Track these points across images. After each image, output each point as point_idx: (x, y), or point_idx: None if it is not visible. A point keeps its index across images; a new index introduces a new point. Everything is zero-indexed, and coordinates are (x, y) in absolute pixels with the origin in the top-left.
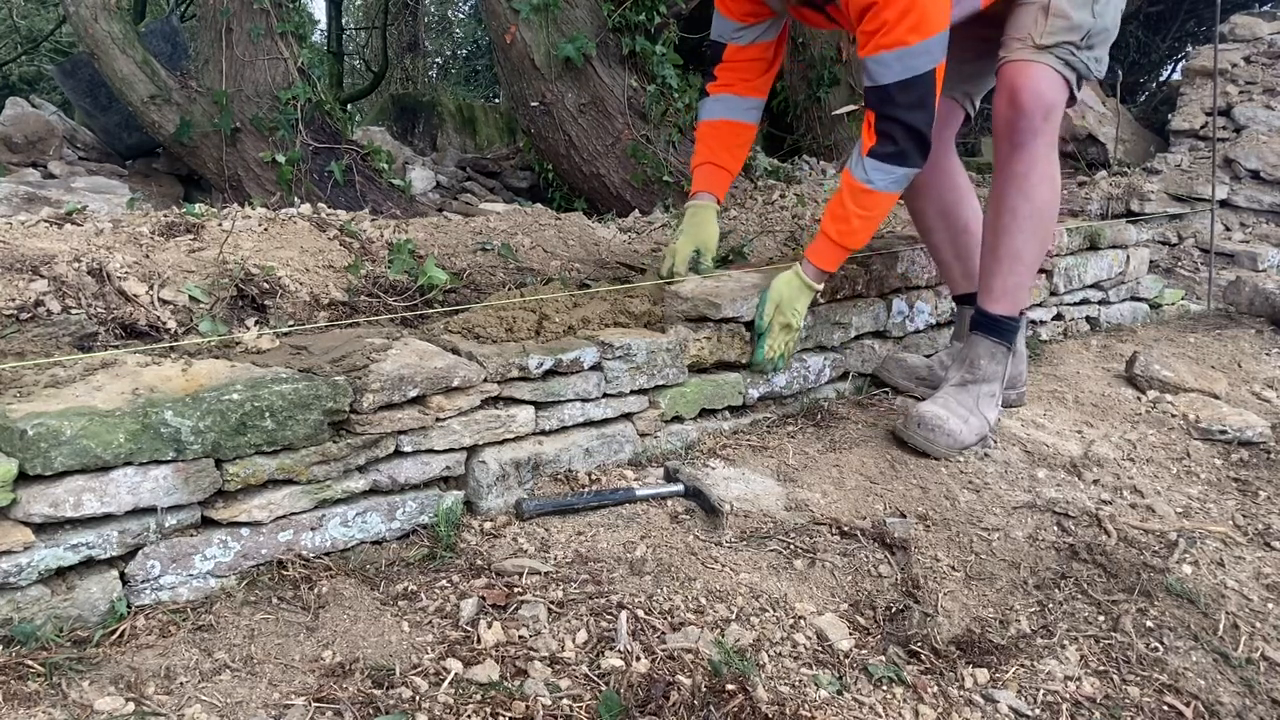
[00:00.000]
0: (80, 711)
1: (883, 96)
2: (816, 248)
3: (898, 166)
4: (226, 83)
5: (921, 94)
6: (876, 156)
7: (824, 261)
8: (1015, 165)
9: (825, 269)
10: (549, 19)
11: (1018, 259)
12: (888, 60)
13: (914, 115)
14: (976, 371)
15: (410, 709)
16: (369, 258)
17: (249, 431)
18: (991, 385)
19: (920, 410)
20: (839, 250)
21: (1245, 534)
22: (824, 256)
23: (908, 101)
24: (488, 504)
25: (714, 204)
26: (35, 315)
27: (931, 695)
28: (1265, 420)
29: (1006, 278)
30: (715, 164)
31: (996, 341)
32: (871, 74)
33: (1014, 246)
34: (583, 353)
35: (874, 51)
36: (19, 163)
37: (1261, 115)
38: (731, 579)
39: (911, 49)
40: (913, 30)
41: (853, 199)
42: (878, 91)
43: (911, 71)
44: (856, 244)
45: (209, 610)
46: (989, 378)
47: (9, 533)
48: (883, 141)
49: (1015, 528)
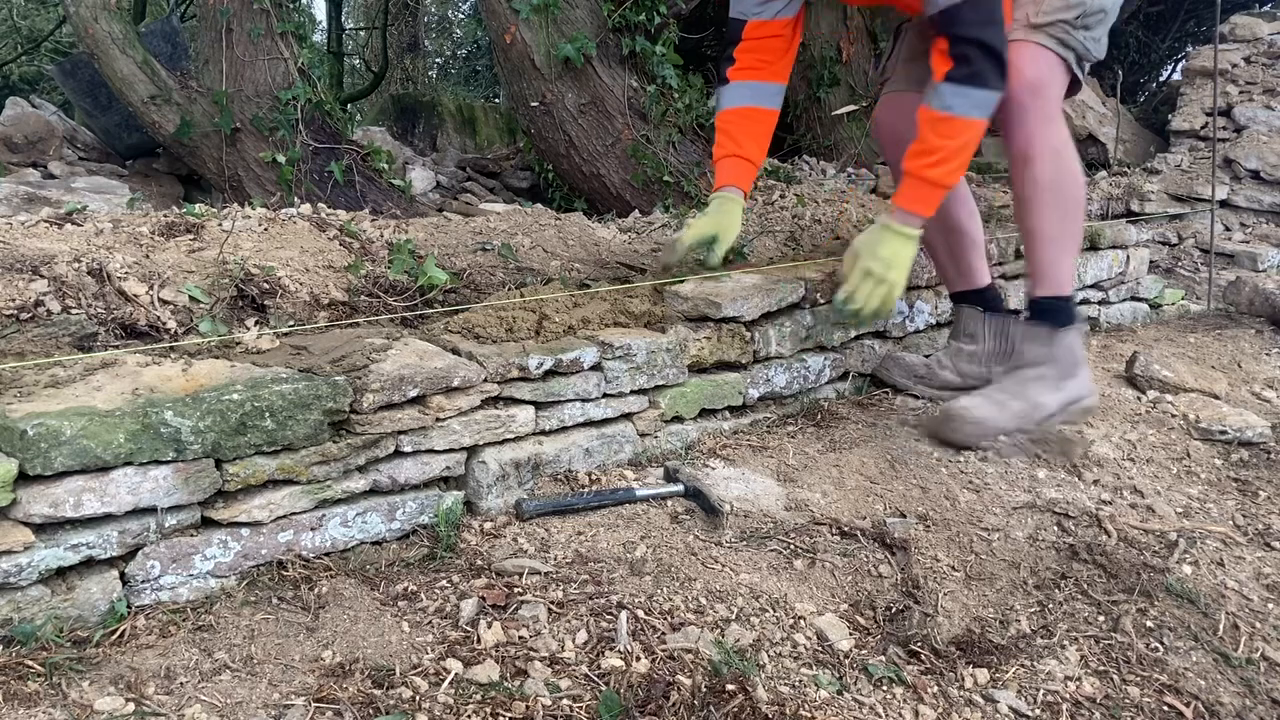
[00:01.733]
0: (80, 711)
1: (952, 17)
2: (903, 191)
3: (977, 89)
4: (226, 83)
5: (991, 9)
6: (953, 80)
7: (913, 202)
8: (1014, 148)
9: (916, 211)
10: (549, 19)
11: (1038, 237)
12: None
13: (987, 32)
14: (1019, 358)
15: (410, 709)
16: (369, 258)
17: (249, 431)
18: (1039, 368)
19: (947, 404)
20: (928, 187)
21: (1245, 534)
22: (912, 196)
23: (978, 18)
24: (488, 504)
25: (741, 198)
26: (35, 315)
27: (931, 695)
28: (1265, 420)
29: (1037, 261)
30: (740, 156)
31: (1034, 324)
32: None
33: (1031, 225)
34: (583, 353)
35: None
36: (19, 163)
37: (1261, 115)
38: (731, 579)
39: None
40: None
41: (933, 129)
42: (945, 14)
43: None
44: (947, 178)
45: (209, 610)
46: (1033, 361)
47: (9, 533)
48: (958, 64)
49: (1015, 528)
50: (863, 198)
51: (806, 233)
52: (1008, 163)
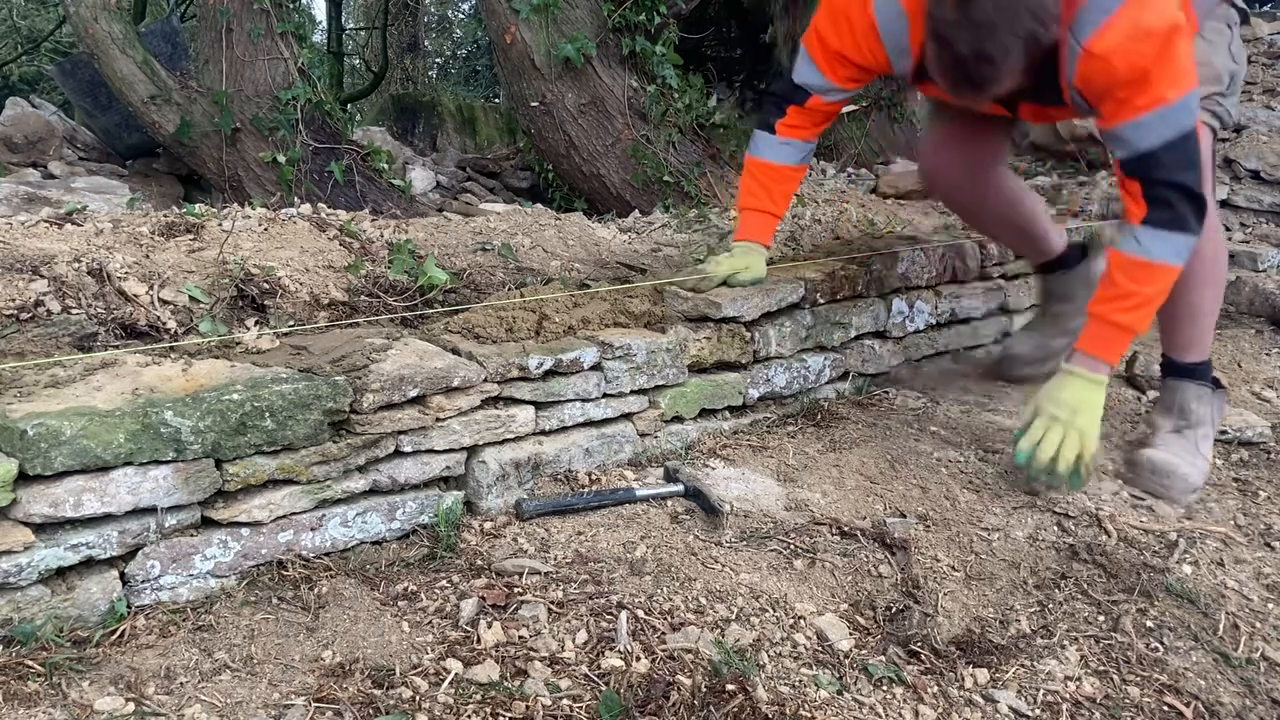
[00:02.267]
0: (80, 711)
1: (1149, 162)
2: (1092, 335)
3: (1178, 233)
4: (226, 83)
5: (1189, 152)
6: (1153, 224)
7: (1101, 348)
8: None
9: (1104, 357)
10: (549, 19)
11: (1199, 312)
12: (1149, 122)
13: (1187, 175)
14: (1190, 416)
15: (410, 709)
16: (369, 258)
17: (249, 431)
18: (1205, 427)
19: (1152, 457)
20: (1119, 332)
21: (1245, 534)
22: (1100, 342)
23: (1177, 162)
24: (488, 504)
25: (765, 251)
26: (35, 315)
27: (931, 695)
28: (1265, 420)
29: (1191, 331)
30: (768, 212)
31: (1200, 384)
32: (1129, 142)
33: (1192, 302)
34: (583, 353)
35: (1130, 116)
36: (19, 163)
37: (1262, 115)
38: (731, 579)
39: (1173, 106)
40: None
41: (1127, 275)
42: (1142, 159)
43: (1177, 130)
44: (1139, 325)
45: (209, 610)
46: (1202, 420)
47: (9, 533)
48: (1157, 208)
49: (1015, 528)
50: (863, 198)
51: (806, 233)
52: None
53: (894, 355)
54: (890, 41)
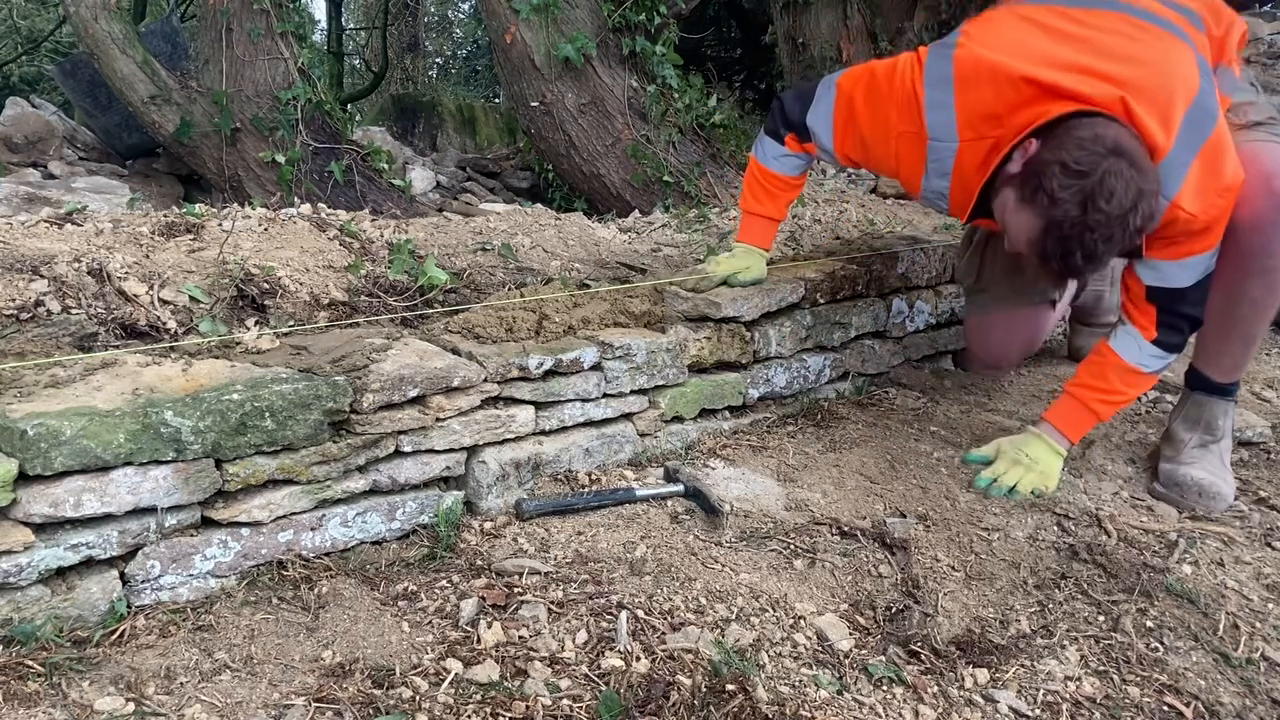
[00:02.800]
0: (80, 711)
1: (1178, 297)
2: (1066, 413)
3: (1174, 355)
4: (226, 83)
5: (1206, 290)
6: (1162, 346)
7: (1071, 428)
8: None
9: (1069, 435)
10: (549, 19)
11: (1252, 339)
12: (1192, 264)
13: (1199, 309)
14: (1217, 432)
15: (410, 709)
16: (369, 258)
17: (249, 431)
18: (1228, 440)
19: (1198, 479)
20: (1090, 417)
21: (1246, 534)
22: (1073, 423)
23: (1198, 299)
24: (488, 504)
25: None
26: (35, 315)
27: (931, 695)
28: (1265, 420)
29: (1240, 356)
30: (770, 218)
31: (1229, 400)
32: (1168, 276)
33: (1251, 333)
34: (583, 353)
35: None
36: (19, 163)
37: None
38: (731, 579)
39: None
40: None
41: (1120, 378)
42: (1173, 293)
43: (1204, 271)
44: (1107, 416)
45: (209, 610)
46: (1226, 433)
47: (9, 533)
48: (1169, 333)
49: (1015, 528)
50: (863, 198)
51: (806, 233)
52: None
53: (894, 355)
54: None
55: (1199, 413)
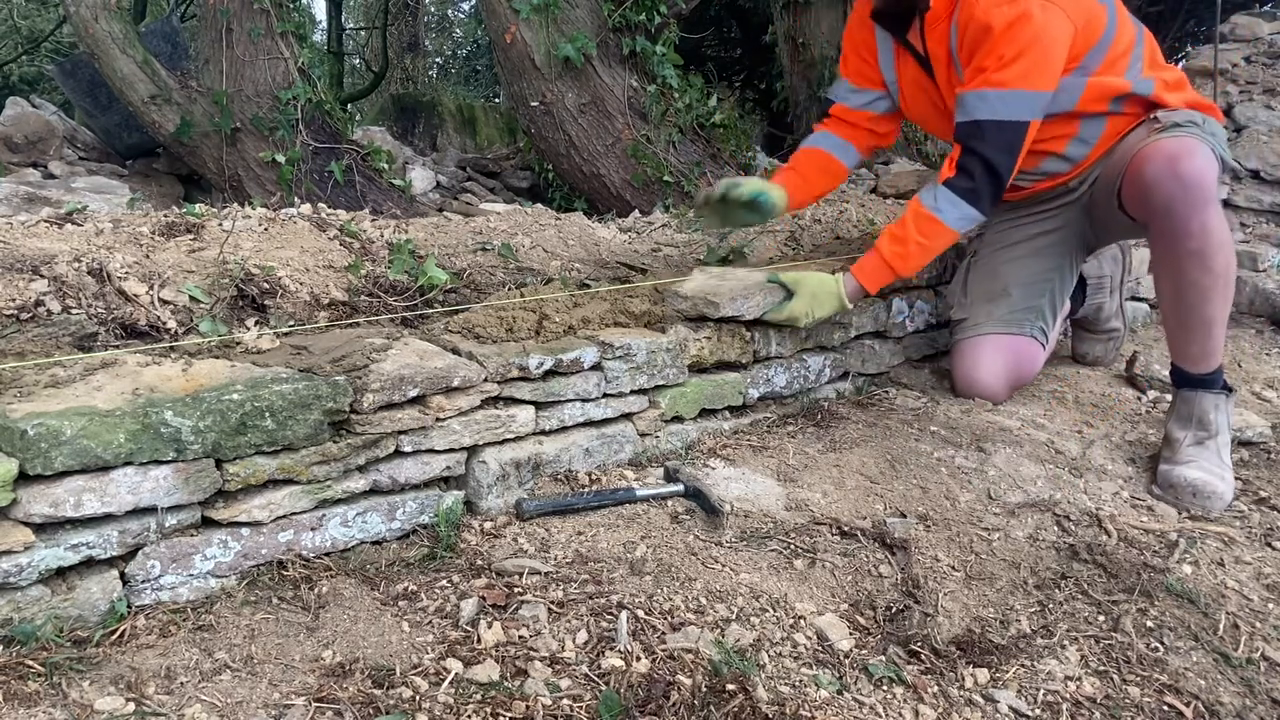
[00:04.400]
0: (80, 711)
1: (973, 131)
2: (865, 264)
3: (969, 204)
4: (226, 83)
5: (1011, 140)
6: (952, 188)
7: (869, 280)
8: (1190, 240)
9: (868, 288)
10: (549, 19)
11: (1213, 323)
12: (990, 97)
13: (999, 157)
14: (1210, 427)
15: (410, 709)
16: (369, 258)
17: (249, 431)
18: (1224, 434)
19: (1192, 479)
20: (888, 272)
21: (1246, 534)
22: (870, 275)
23: (997, 142)
24: (488, 504)
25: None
26: (35, 315)
27: (931, 695)
28: (1265, 420)
29: (1205, 343)
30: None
31: (1216, 393)
32: (969, 108)
33: (1206, 315)
34: (583, 352)
35: (979, 87)
36: (19, 163)
37: (1262, 115)
38: (732, 579)
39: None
40: (1022, 78)
41: (916, 224)
42: (970, 126)
43: (1011, 115)
44: (907, 270)
45: (209, 610)
46: (1221, 428)
47: (9, 533)
48: (961, 175)
49: (1015, 528)
50: (863, 198)
51: (806, 233)
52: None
53: (894, 355)
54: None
55: (1188, 409)
